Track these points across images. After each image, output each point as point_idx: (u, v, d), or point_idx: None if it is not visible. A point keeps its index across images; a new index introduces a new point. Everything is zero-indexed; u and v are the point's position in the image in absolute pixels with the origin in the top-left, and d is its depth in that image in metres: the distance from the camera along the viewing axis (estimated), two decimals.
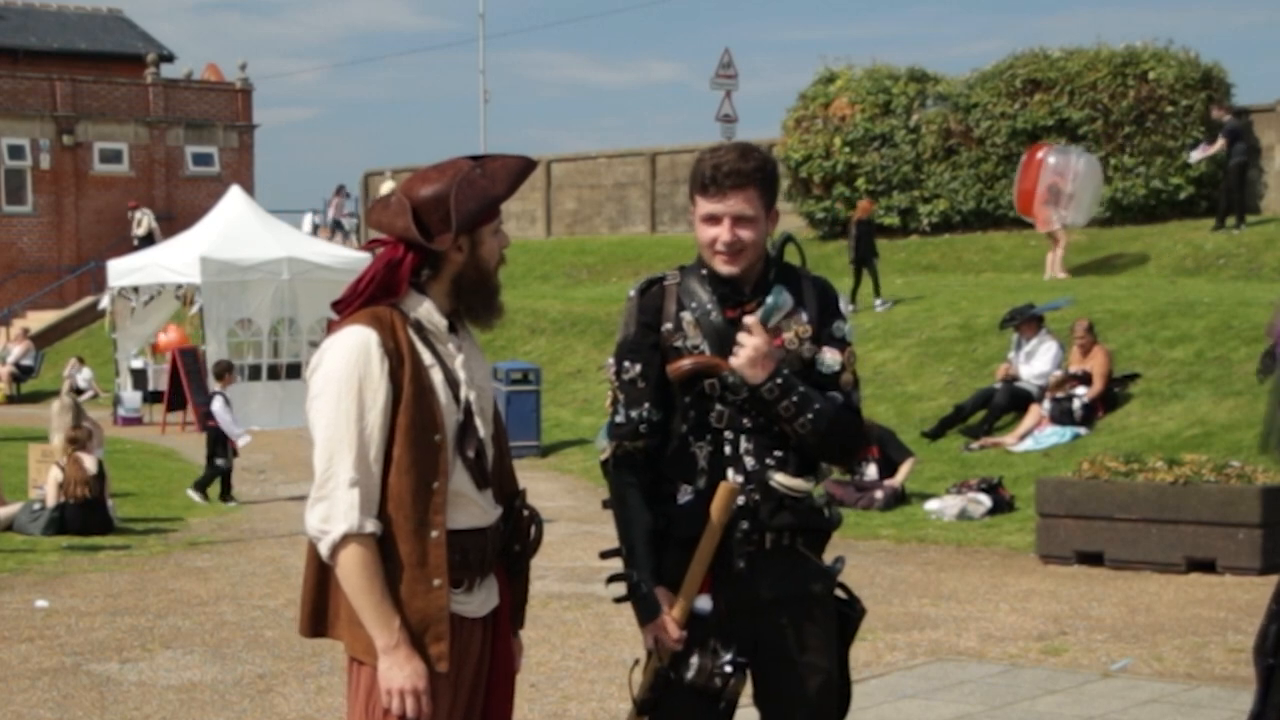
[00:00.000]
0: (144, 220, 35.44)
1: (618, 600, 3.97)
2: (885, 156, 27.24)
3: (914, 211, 27.03)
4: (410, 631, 3.50)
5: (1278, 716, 4.51)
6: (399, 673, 3.47)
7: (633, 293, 4.00)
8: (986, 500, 13.53)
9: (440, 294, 3.62)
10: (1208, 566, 10.82)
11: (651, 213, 32.50)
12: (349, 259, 23.76)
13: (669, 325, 3.91)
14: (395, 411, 3.52)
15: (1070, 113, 25.32)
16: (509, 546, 3.75)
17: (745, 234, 3.84)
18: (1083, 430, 15.41)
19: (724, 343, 3.84)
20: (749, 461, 3.86)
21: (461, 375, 3.63)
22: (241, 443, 15.46)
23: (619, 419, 3.94)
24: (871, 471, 14.34)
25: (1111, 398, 15.94)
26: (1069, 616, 9.57)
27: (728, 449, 3.86)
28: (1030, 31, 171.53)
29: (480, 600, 3.67)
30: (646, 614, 3.86)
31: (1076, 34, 66.12)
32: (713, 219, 3.86)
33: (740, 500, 3.84)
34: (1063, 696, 7.56)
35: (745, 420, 3.86)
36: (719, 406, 3.86)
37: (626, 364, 3.94)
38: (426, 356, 3.58)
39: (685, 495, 3.89)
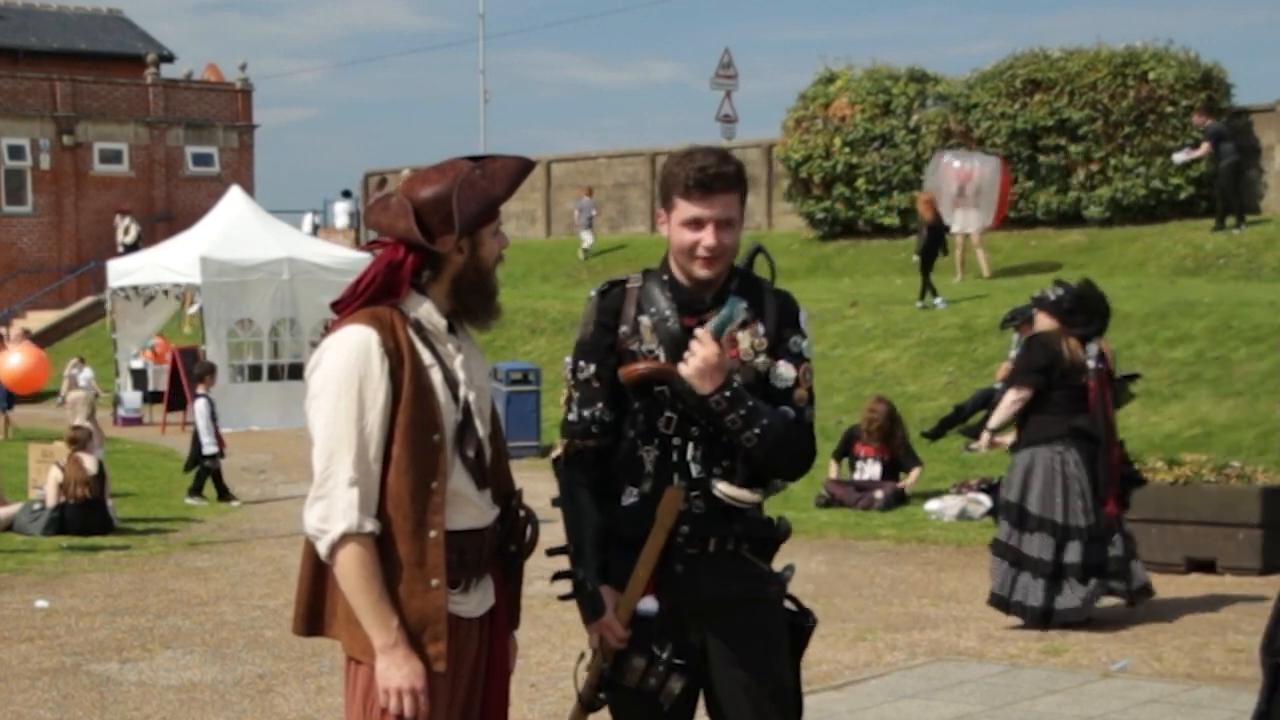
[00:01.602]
0: (131, 228, 35.12)
1: (562, 598, 3.99)
2: (885, 156, 27.22)
3: (914, 211, 26.97)
4: (408, 631, 3.50)
5: None
6: (396, 672, 3.48)
7: (593, 293, 4.01)
8: (986, 500, 13.52)
9: (440, 294, 3.62)
10: (1208, 566, 10.81)
11: (651, 213, 32.48)
12: (349, 259, 23.76)
13: (626, 328, 3.91)
14: (395, 411, 3.52)
15: (1070, 113, 25.32)
16: (504, 547, 3.75)
17: (728, 238, 3.84)
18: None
19: (679, 349, 3.83)
20: (695, 469, 3.86)
21: (461, 375, 3.64)
22: (206, 450, 15.44)
23: (571, 417, 3.97)
24: (875, 471, 14.34)
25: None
26: None
27: (675, 455, 3.87)
28: (1030, 31, 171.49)
29: (477, 600, 3.67)
30: (591, 612, 3.88)
31: (1076, 34, 66.10)
32: (696, 223, 3.83)
33: (683, 506, 3.84)
34: (1063, 696, 7.56)
35: (694, 428, 3.86)
36: (669, 413, 3.86)
37: (582, 363, 3.95)
38: (426, 356, 3.58)
39: (630, 498, 3.91)
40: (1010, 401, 9.34)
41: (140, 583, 11.01)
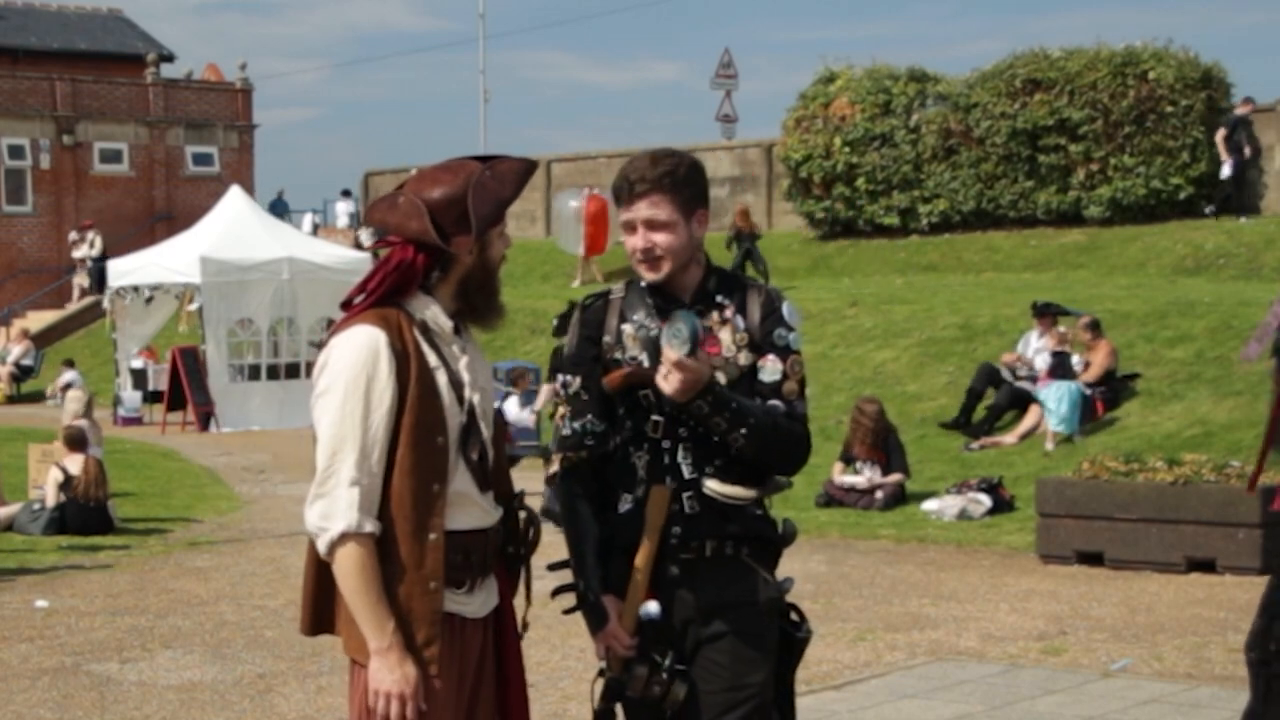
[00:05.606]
0: (96, 241, 34.71)
1: (566, 611, 3.98)
2: (885, 156, 27.22)
3: (914, 211, 27.01)
4: (405, 634, 3.49)
5: None
6: (389, 676, 3.47)
7: (576, 307, 4.03)
8: (986, 500, 13.53)
9: (446, 296, 3.62)
10: (1208, 566, 10.82)
11: None
12: (349, 259, 23.78)
13: (609, 338, 3.93)
14: (400, 413, 3.52)
15: (1070, 113, 25.31)
16: (504, 548, 3.75)
17: (658, 238, 3.83)
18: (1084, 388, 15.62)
19: (661, 354, 3.81)
20: (686, 470, 3.85)
21: (466, 378, 3.63)
22: None
23: (564, 432, 3.97)
24: (875, 473, 14.32)
25: (1113, 395, 15.97)
26: (1069, 616, 9.57)
27: (665, 458, 3.86)
28: (1030, 31, 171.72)
29: (480, 601, 3.67)
30: (596, 623, 3.88)
31: (1076, 34, 66.14)
32: (629, 227, 3.88)
33: (675, 507, 3.83)
34: (1063, 696, 7.56)
35: (682, 430, 3.85)
36: (655, 416, 3.85)
37: (569, 378, 3.98)
38: (432, 358, 3.58)
39: (626, 504, 3.90)
40: None
41: (140, 583, 11.01)
